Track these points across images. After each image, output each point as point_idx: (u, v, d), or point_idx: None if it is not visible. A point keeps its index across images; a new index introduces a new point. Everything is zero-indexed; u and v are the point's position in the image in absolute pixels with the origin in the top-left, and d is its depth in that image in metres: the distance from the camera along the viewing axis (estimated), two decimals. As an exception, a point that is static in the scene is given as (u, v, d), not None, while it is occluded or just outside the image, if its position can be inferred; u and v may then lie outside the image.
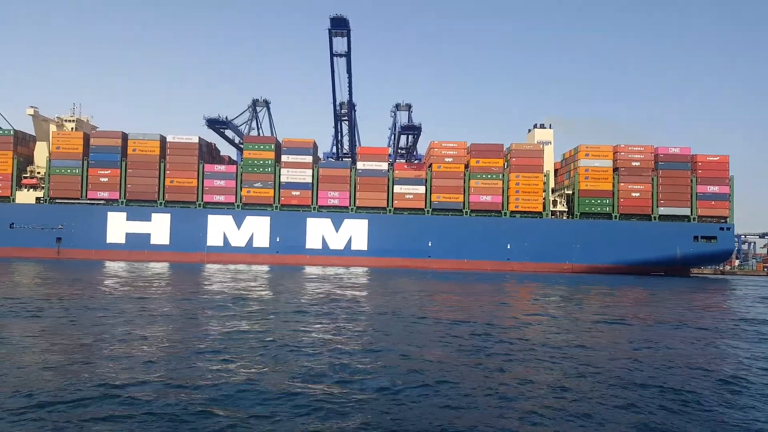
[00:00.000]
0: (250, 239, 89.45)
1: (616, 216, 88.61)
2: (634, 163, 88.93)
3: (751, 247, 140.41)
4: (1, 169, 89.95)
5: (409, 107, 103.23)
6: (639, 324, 26.13)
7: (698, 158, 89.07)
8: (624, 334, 22.80)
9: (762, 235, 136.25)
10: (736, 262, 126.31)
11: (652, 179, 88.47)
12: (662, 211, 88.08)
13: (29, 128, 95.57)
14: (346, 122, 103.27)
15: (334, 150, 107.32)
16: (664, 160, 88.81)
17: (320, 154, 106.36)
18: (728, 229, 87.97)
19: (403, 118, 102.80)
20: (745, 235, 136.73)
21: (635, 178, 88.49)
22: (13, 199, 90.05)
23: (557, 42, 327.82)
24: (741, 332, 24.73)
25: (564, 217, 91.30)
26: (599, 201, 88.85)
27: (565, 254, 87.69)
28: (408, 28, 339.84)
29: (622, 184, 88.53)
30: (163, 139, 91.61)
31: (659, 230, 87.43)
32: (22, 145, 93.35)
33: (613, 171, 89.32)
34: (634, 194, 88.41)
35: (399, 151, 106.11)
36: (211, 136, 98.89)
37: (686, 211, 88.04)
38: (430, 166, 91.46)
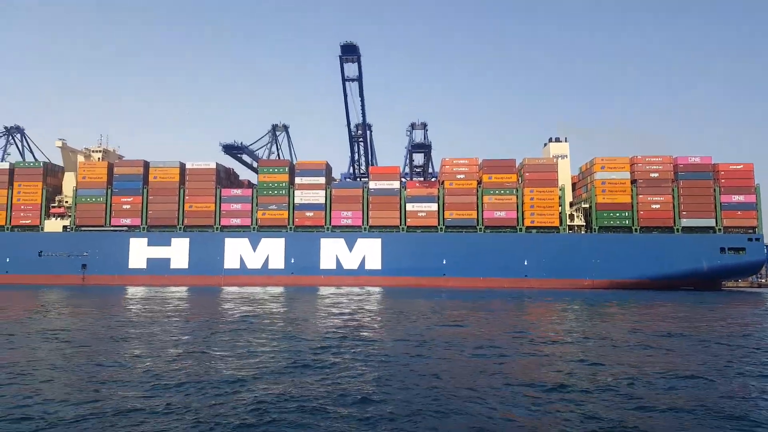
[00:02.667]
0: (266, 261, 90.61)
1: (636, 229, 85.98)
2: (652, 174, 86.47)
3: None
4: (31, 200, 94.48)
5: (424, 126, 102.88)
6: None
7: (720, 167, 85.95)
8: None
9: None
10: None
11: (673, 190, 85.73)
12: (685, 222, 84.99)
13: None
14: (362, 143, 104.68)
15: (351, 170, 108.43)
16: (684, 171, 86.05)
17: (337, 175, 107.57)
18: (757, 239, 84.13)
19: (418, 136, 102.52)
20: None
21: (654, 190, 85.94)
22: (42, 228, 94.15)
23: (569, 52, 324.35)
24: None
25: (582, 231, 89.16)
26: (618, 214, 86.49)
27: (585, 269, 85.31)
28: (421, 44, 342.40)
29: (641, 196, 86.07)
30: (182, 166, 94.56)
31: (683, 242, 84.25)
32: (51, 175, 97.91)
33: (631, 183, 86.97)
34: (654, 206, 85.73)
35: (415, 169, 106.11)
36: (230, 162, 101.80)
37: (711, 222, 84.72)
38: (442, 183, 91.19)
